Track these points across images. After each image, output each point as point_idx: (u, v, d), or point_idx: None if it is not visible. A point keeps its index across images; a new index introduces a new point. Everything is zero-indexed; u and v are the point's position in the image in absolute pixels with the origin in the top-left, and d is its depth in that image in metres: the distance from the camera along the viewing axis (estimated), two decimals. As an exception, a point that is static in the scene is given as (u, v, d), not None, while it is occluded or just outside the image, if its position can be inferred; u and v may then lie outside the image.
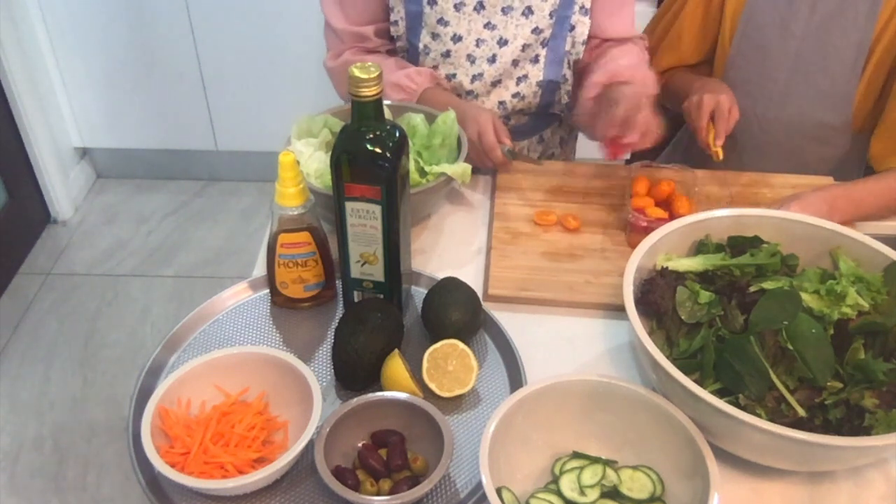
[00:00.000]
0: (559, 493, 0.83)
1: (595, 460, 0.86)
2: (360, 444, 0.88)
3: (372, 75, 0.85)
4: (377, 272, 1.00)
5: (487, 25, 1.34)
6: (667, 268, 0.99)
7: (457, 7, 1.32)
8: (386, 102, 1.19)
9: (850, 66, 1.34)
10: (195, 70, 2.62)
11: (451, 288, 1.02)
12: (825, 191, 1.22)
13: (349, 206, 0.93)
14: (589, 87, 1.28)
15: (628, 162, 1.33)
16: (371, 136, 0.89)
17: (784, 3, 1.35)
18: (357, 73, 0.85)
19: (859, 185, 1.26)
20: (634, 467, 0.86)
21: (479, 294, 1.06)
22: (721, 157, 1.30)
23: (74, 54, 2.60)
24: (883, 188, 1.26)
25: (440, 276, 1.07)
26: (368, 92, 0.85)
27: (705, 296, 0.93)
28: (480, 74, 1.38)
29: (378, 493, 0.83)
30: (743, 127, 1.47)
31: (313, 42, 2.51)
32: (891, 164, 1.34)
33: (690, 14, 1.46)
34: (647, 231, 1.03)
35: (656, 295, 0.95)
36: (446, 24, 1.33)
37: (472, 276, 1.14)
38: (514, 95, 1.42)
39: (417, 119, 1.24)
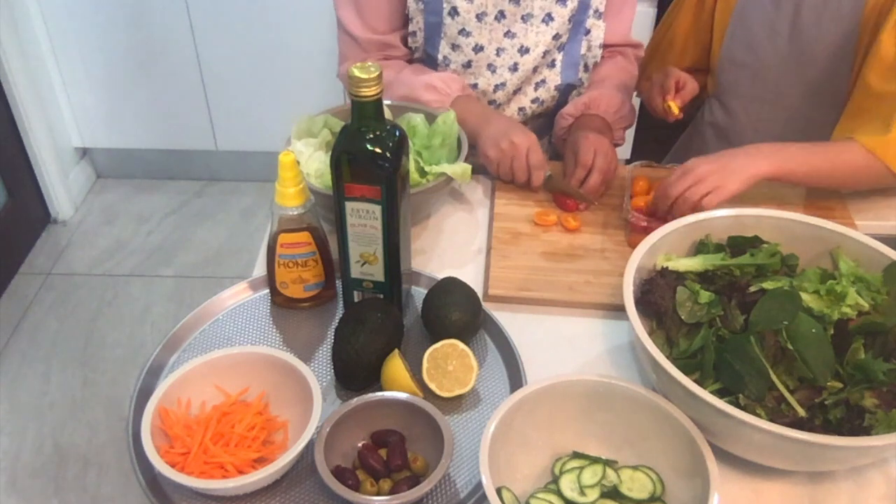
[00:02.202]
0: (559, 493, 0.83)
1: (595, 460, 0.86)
2: (360, 444, 0.88)
3: (372, 75, 0.85)
4: (377, 272, 1.00)
5: (507, 34, 1.34)
6: (667, 268, 0.99)
7: (479, 17, 1.31)
8: (386, 102, 1.19)
9: (838, 61, 1.34)
10: (195, 70, 2.62)
11: (451, 288, 1.02)
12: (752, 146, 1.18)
13: (349, 206, 0.93)
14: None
15: (628, 162, 1.33)
16: (371, 136, 0.89)
17: (770, 3, 1.35)
18: (357, 73, 0.85)
19: (795, 144, 1.20)
20: (634, 467, 0.86)
21: (479, 294, 1.06)
22: (677, 111, 1.32)
23: (74, 54, 2.60)
24: (819, 150, 1.20)
25: (440, 276, 1.07)
26: (368, 92, 0.85)
27: (705, 296, 0.93)
28: (503, 84, 1.38)
29: (378, 493, 0.83)
30: (737, 129, 1.47)
31: (313, 42, 2.52)
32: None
33: (682, 22, 1.47)
34: (647, 231, 1.03)
35: (656, 295, 0.95)
36: (468, 34, 1.32)
37: (472, 276, 1.14)
38: (534, 101, 1.42)
39: (417, 119, 1.24)
